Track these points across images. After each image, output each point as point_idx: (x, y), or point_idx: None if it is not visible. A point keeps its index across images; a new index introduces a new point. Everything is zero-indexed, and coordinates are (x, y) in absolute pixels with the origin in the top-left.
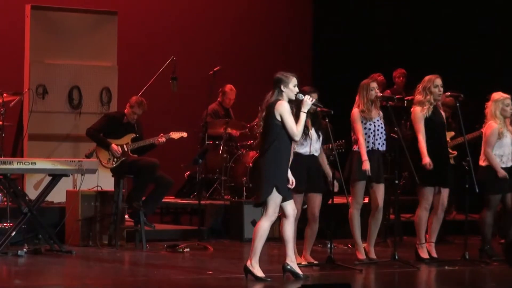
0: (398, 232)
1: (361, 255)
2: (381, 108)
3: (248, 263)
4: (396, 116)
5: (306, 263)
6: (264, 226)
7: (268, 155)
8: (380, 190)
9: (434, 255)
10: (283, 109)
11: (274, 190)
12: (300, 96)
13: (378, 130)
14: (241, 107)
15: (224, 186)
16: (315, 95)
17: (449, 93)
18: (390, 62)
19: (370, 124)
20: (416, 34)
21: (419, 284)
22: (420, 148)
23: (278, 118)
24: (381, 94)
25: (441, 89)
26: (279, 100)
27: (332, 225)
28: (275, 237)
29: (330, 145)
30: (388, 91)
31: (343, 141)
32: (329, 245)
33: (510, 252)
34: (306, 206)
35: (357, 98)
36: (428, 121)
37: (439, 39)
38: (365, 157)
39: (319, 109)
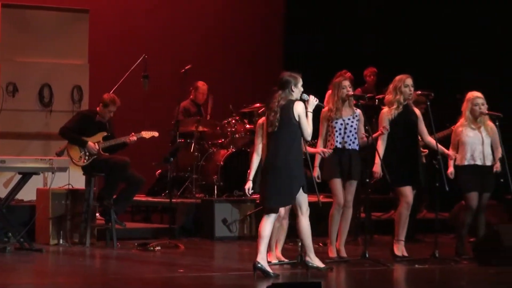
0: (368, 231)
1: (333, 254)
2: (355, 106)
3: (307, 259)
4: (367, 115)
5: (277, 261)
6: (306, 223)
7: (292, 155)
8: (351, 188)
9: (405, 253)
10: (301, 109)
11: (301, 189)
12: (305, 96)
13: (347, 128)
14: (213, 106)
15: (195, 185)
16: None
17: (419, 92)
18: (361, 61)
19: (341, 124)
20: (387, 33)
21: (389, 283)
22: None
23: (297, 118)
24: (352, 93)
25: (412, 88)
26: (294, 100)
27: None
28: (246, 235)
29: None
30: (359, 89)
31: (316, 141)
32: (300, 244)
33: (480, 250)
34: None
35: (327, 96)
36: (397, 121)
37: (410, 38)
38: (316, 163)
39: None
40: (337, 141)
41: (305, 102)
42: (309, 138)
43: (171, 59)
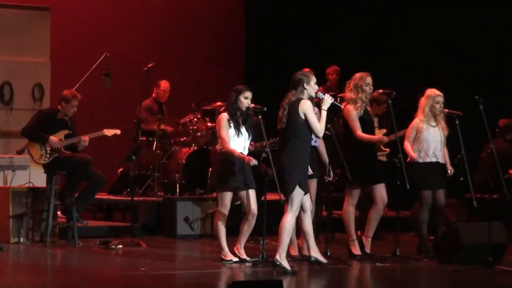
0: (330, 229)
1: (294, 252)
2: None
3: (277, 257)
4: (329, 113)
5: (238, 259)
6: (292, 221)
7: (292, 152)
8: (312, 186)
9: (368, 250)
10: (307, 107)
11: (297, 186)
12: (320, 95)
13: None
14: (174, 104)
15: (157, 183)
16: (249, 93)
17: (381, 91)
18: (323, 59)
19: None
20: (348, 32)
21: (350, 281)
22: (369, 140)
23: (302, 116)
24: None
25: (372, 87)
26: (302, 99)
27: (265, 221)
28: (207, 234)
29: (264, 142)
30: (321, 88)
31: (277, 138)
32: (261, 242)
33: (440, 248)
34: (238, 202)
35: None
36: (361, 119)
37: (370, 37)
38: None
39: (252, 105)
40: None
41: (320, 100)
42: (320, 134)
43: (134, 57)
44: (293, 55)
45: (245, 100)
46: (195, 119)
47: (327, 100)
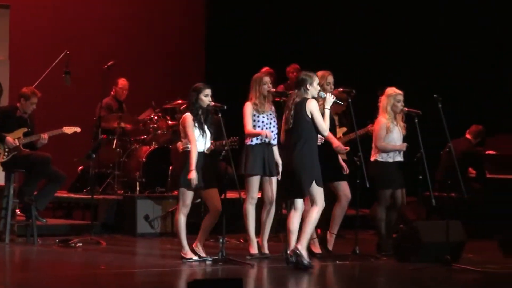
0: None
1: (254, 250)
2: (274, 103)
3: (298, 246)
4: None
5: (198, 257)
6: (317, 216)
7: (304, 151)
8: (272, 184)
9: (330, 247)
10: (313, 107)
11: (314, 182)
12: (322, 94)
13: (270, 123)
14: (135, 102)
15: (117, 181)
16: (209, 91)
17: (341, 89)
18: (283, 57)
19: (263, 117)
20: (308, 30)
21: (310, 279)
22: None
23: (309, 115)
24: (274, 90)
25: (333, 86)
26: (308, 98)
27: (224, 219)
28: (167, 232)
29: (223, 141)
30: (282, 86)
31: (237, 137)
32: (221, 240)
33: (399, 247)
34: (198, 200)
35: (250, 92)
36: None
37: (331, 35)
38: (261, 131)
39: (212, 103)
40: (263, 136)
41: (322, 99)
42: (325, 133)
43: (94, 55)
44: (253, 52)
45: (206, 98)
46: (156, 117)
47: (329, 99)
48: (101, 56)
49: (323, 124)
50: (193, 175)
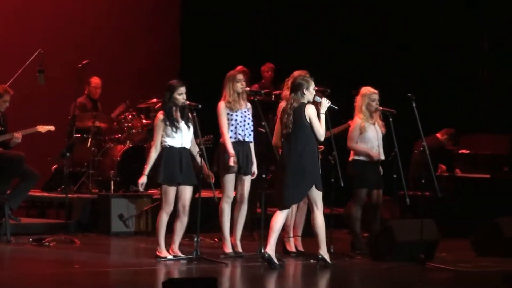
0: (264, 226)
1: (228, 249)
2: (248, 102)
3: (320, 252)
4: (264, 111)
5: (173, 256)
6: (321, 218)
7: (304, 155)
8: (246, 182)
9: (301, 248)
10: (311, 112)
11: (314, 186)
12: (318, 98)
13: (245, 121)
14: (109, 101)
15: (91, 180)
16: (183, 89)
17: (316, 88)
18: (258, 56)
19: (237, 115)
20: (285, 29)
21: (283, 277)
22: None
23: (308, 120)
24: (248, 88)
25: None
26: (305, 103)
27: (199, 218)
28: (142, 231)
29: (198, 139)
30: (256, 85)
31: (211, 136)
32: (196, 239)
33: (374, 246)
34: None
35: (224, 90)
36: None
37: (306, 35)
38: (231, 152)
39: (187, 102)
40: (237, 133)
41: (317, 104)
42: (322, 138)
43: (68, 54)
44: (228, 51)
45: (180, 96)
46: (130, 116)
47: (325, 103)
48: (76, 55)
49: (320, 130)
50: (142, 180)
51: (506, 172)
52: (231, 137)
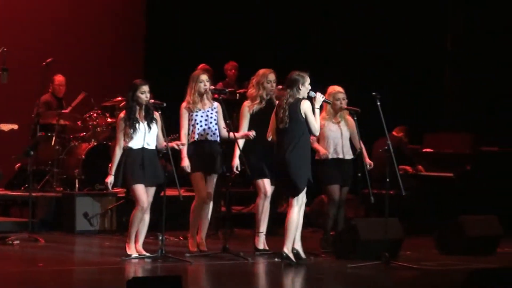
0: (229, 224)
1: (193, 247)
2: (213, 100)
3: (284, 250)
4: (228, 109)
5: (138, 255)
6: (298, 215)
7: (299, 150)
8: (211, 181)
9: (266, 247)
10: (307, 107)
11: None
12: (312, 93)
13: (206, 120)
14: (75, 99)
15: (56, 178)
16: (146, 87)
17: (281, 87)
18: (222, 54)
19: (197, 115)
20: (251, 27)
21: (248, 276)
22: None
23: (303, 115)
24: (212, 87)
25: (274, 84)
26: (301, 99)
27: (164, 217)
28: (106, 229)
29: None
30: (221, 83)
31: (177, 135)
32: (160, 237)
33: (338, 244)
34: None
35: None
36: (259, 115)
37: (272, 32)
38: (183, 154)
39: (151, 101)
40: (199, 133)
41: (312, 99)
42: (317, 133)
43: (32, 52)
44: (193, 49)
45: (143, 95)
46: (95, 115)
47: (319, 98)
48: (40, 53)
49: (315, 124)
50: (110, 179)
51: (469, 171)
52: (192, 137)
